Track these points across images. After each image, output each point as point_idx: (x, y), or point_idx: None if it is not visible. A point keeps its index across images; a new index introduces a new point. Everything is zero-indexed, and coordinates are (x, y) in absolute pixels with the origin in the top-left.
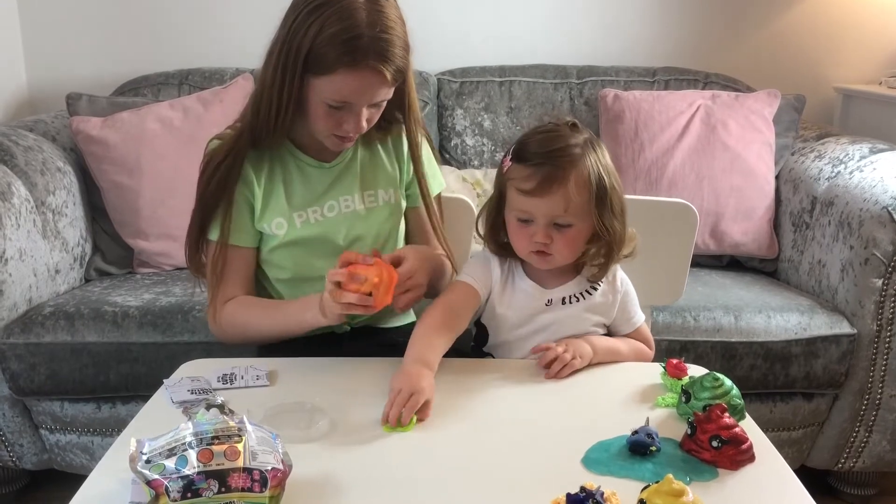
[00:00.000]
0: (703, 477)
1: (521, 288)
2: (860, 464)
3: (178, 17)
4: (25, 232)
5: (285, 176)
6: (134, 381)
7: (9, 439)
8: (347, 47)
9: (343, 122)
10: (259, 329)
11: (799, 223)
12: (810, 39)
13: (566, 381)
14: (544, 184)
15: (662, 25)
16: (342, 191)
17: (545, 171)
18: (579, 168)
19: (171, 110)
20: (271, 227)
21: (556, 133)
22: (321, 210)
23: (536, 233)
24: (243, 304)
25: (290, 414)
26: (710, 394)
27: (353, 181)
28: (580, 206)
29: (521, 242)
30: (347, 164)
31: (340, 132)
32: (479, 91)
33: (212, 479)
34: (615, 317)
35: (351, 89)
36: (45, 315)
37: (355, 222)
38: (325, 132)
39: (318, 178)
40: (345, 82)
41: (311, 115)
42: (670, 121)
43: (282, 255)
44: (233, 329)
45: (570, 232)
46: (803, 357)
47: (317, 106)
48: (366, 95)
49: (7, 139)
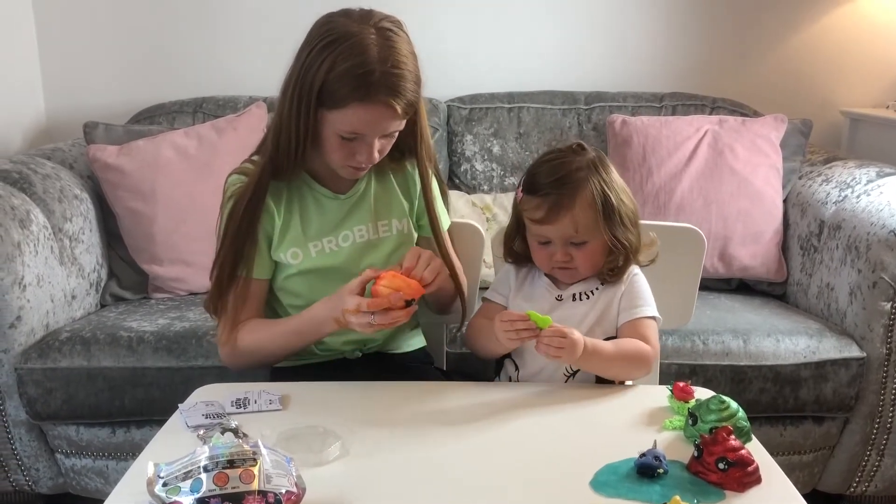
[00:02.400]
0: (710, 499)
1: (538, 284)
2: (872, 488)
3: (192, 47)
4: (43, 258)
5: (302, 207)
6: (149, 405)
7: (25, 463)
8: (359, 82)
9: (356, 153)
10: (274, 340)
11: (807, 247)
12: (817, 64)
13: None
14: (552, 212)
15: (669, 51)
16: (356, 221)
17: (551, 199)
18: (583, 192)
19: (186, 138)
20: (287, 256)
21: (560, 161)
22: (336, 240)
23: (555, 253)
24: (256, 323)
25: (303, 437)
26: (716, 416)
27: (366, 211)
28: (589, 225)
29: (544, 261)
30: (362, 195)
31: (353, 163)
32: (488, 117)
33: (228, 502)
34: (620, 304)
35: (363, 123)
36: (62, 340)
37: (369, 251)
38: (340, 163)
39: (334, 209)
40: (357, 116)
41: (325, 147)
42: (678, 146)
43: (296, 282)
44: (247, 349)
45: (586, 248)
46: (813, 380)
47: (330, 138)
48: (377, 128)
49: (26, 167)
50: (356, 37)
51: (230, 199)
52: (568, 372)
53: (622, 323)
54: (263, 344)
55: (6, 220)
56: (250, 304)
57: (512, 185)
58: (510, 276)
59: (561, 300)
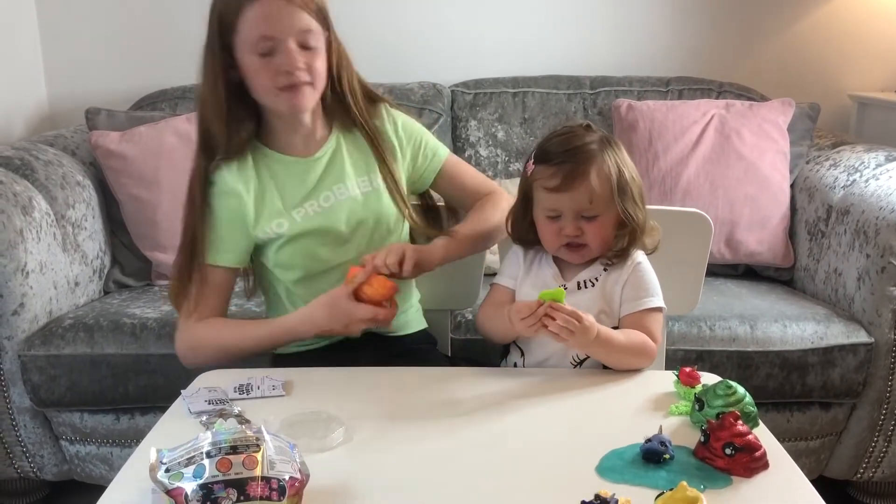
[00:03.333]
0: (717, 484)
1: (544, 271)
2: (879, 474)
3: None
4: (46, 245)
5: (273, 178)
6: (152, 392)
7: (30, 450)
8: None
9: (281, 66)
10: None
11: (814, 232)
12: (824, 47)
13: (579, 389)
14: (568, 179)
15: (676, 35)
16: (333, 180)
17: (567, 167)
18: (598, 162)
19: (189, 124)
20: (271, 228)
21: (571, 134)
22: (317, 202)
23: (566, 226)
24: (222, 321)
25: (307, 423)
26: (723, 401)
27: (341, 170)
28: (603, 196)
29: (551, 238)
30: (333, 155)
31: (283, 80)
32: (492, 102)
33: (231, 488)
34: (623, 294)
35: (263, 21)
36: (65, 327)
37: (354, 208)
38: (271, 88)
39: (307, 173)
40: (254, 16)
41: (252, 81)
42: (684, 130)
43: (288, 252)
44: (209, 346)
45: (597, 222)
46: (820, 366)
47: (250, 65)
48: (282, 25)
49: (28, 154)
50: None
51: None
52: (576, 360)
53: (625, 314)
54: (228, 343)
55: (8, 207)
56: (213, 294)
57: (517, 170)
58: (518, 259)
59: (565, 289)
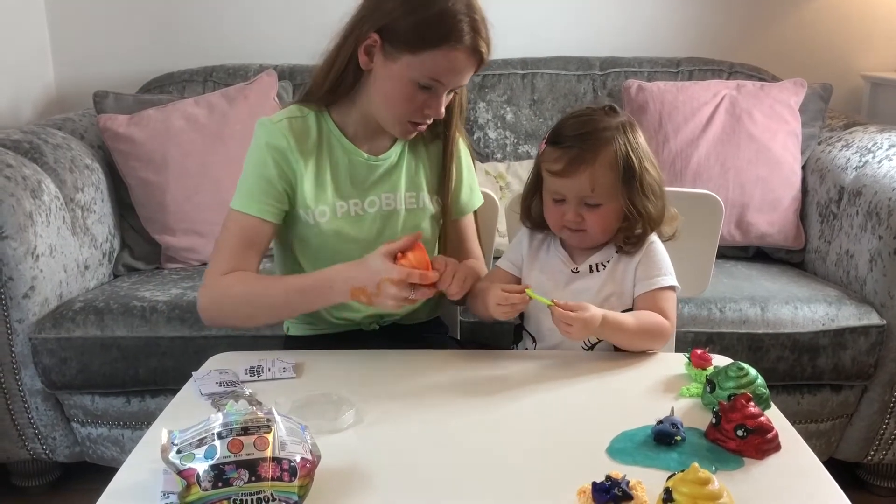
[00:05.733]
0: (729, 466)
1: (553, 255)
2: (890, 456)
3: (202, 15)
4: (55, 229)
5: (333, 164)
6: (163, 374)
7: (42, 432)
8: (454, 26)
9: (425, 106)
10: (269, 294)
11: (826, 213)
12: (837, 27)
13: (590, 371)
14: (571, 165)
15: (686, 15)
16: (386, 188)
17: (573, 153)
18: (606, 150)
19: (197, 107)
20: (314, 214)
21: (589, 117)
22: (362, 204)
23: (568, 212)
24: (250, 275)
25: (317, 405)
26: (734, 383)
27: (398, 180)
28: (607, 186)
29: (555, 220)
30: (395, 162)
31: (419, 117)
32: (501, 84)
33: (242, 469)
34: (637, 274)
35: (449, 68)
36: (76, 310)
37: (392, 222)
38: (403, 116)
39: (365, 172)
40: (447, 59)
41: (391, 97)
42: (695, 111)
43: (316, 239)
44: (234, 297)
45: (599, 211)
46: (831, 348)
47: (404, 85)
48: (459, 76)
49: (36, 137)
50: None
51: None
52: (587, 345)
53: (639, 294)
54: (254, 293)
55: (18, 191)
56: (249, 246)
57: (526, 152)
58: (523, 244)
59: (577, 273)
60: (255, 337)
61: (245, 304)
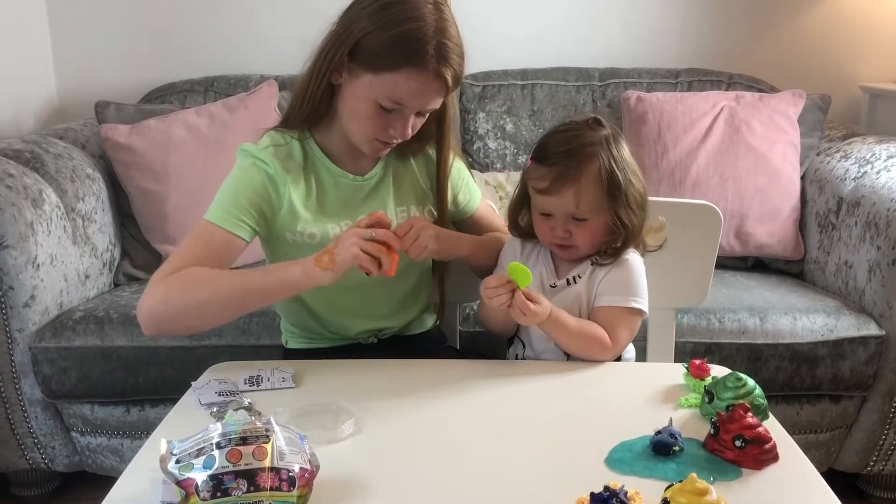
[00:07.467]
0: (727, 476)
1: (541, 266)
2: (889, 467)
3: (203, 25)
4: (56, 238)
5: (320, 188)
6: (162, 384)
7: (41, 442)
8: (417, 48)
9: (389, 126)
10: (220, 290)
11: (825, 224)
12: (835, 38)
13: (589, 381)
14: (555, 183)
15: (685, 26)
16: (376, 205)
17: (557, 170)
18: (590, 166)
19: (198, 117)
20: (303, 236)
21: (573, 132)
22: (353, 222)
23: (556, 227)
24: (199, 268)
25: (316, 415)
26: (733, 394)
27: (386, 196)
28: (592, 201)
29: (545, 234)
30: (381, 179)
31: (384, 137)
32: (501, 94)
33: (241, 479)
34: (599, 287)
35: (411, 91)
36: (76, 320)
37: None
38: (369, 135)
39: (352, 192)
40: (407, 83)
41: (355, 114)
42: (694, 122)
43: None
44: (181, 294)
45: (586, 225)
46: (830, 359)
47: (367, 105)
48: (422, 100)
49: (38, 147)
50: (414, 3)
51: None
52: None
53: (596, 305)
54: (210, 288)
55: (19, 200)
56: (216, 258)
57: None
58: (515, 251)
59: (555, 287)
60: (256, 347)
61: (196, 299)
